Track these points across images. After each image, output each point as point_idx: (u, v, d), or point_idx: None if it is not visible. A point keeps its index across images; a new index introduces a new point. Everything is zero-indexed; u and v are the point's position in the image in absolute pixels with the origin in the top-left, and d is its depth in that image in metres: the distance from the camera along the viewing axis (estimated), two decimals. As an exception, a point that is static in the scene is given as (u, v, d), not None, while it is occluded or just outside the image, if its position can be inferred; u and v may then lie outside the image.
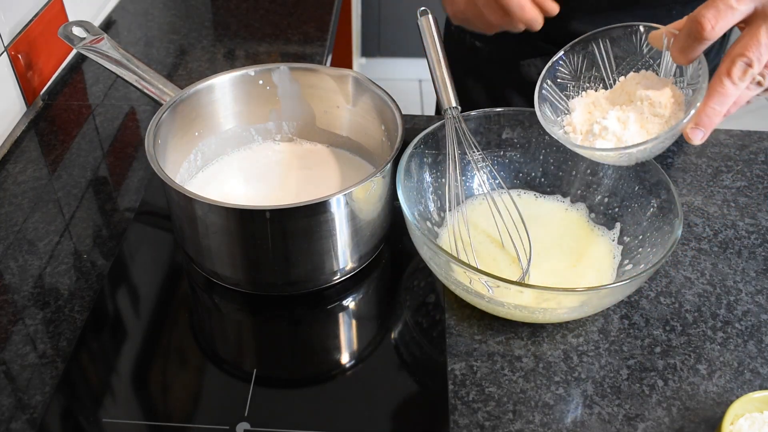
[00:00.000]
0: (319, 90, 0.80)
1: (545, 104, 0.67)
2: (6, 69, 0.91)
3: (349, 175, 0.79)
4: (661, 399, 0.61)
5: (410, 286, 0.72)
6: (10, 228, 0.77)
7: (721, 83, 0.52)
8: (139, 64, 0.78)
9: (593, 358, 0.64)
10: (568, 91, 0.68)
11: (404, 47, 2.74)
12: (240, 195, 0.76)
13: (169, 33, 1.17)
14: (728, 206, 0.82)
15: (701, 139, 0.55)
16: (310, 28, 1.20)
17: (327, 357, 0.66)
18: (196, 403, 0.61)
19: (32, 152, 0.89)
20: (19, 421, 0.58)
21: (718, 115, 0.53)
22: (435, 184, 0.76)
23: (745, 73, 0.51)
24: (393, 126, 0.72)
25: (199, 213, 0.64)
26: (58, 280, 0.71)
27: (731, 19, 0.50)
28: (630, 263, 0.69)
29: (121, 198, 0.82)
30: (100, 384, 0.62)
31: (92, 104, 0.98)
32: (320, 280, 0.69)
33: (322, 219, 0.64)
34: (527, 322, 0.67)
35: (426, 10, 0.75)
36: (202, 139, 0.78)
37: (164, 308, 0.69)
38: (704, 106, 0.54)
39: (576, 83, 0.68)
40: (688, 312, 0.69)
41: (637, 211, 0.72)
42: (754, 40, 0.51)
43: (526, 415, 0.60)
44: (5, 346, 0.64)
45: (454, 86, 0.72)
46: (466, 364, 0.63)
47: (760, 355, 0.65)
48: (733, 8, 0.50)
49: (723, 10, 0.50)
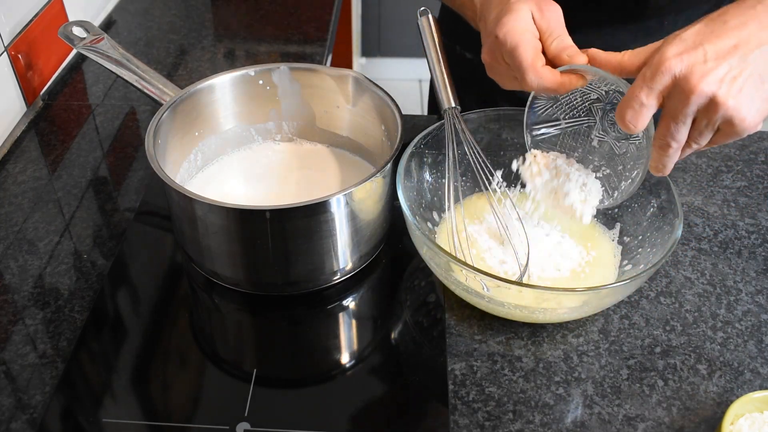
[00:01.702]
0: (319, 90, 0.80)
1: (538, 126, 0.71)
2: (6, 69, 0.91)
3: (349, 175, 0.79)
4: (661, 399, 0.61)
5: (410, 286, 0.72)
6: (10, 228, 0.77)
7: (656, 151, 0.59)
8: (139, 64, 0.78)
9: (593, 358, 0.64)
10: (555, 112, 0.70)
11: (404, 47, 2.74)
12: (240, 195, 0.76)
13: (169, 33, 1.17)
14: (728, 206, 0.82)
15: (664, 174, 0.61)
16: (310, 28, 1.20)
17: (327, 357, 0.66)
18: (196, 403, 0.61)
19: (32, 152, 0.89)
20: (19, 421, 0.58)
21: (666, 167, 0.60)
22: (435, 184, 0.76)
23: (667, 150, 0.58)
24: (393, 126, 0.72)
25: (199, 213, 0.64)
26: (58, 280, 0.71)
27: (647, 113, 0.56)
28: (630, 263, 0.69)
29: (121, 198, 0.82)
30: (100, 384, 0.62)
31: (92, 104, 0.98)
32: (320, 280, 0.69)
33: (322, 219, 0.64)
34: (527, 322, 0.67)
35: (426, 10, 0.75)
36: (202, 139, 0.78)
37: (164, 308, 0.69)
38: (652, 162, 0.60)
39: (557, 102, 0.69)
40: (688, 312, 0.69)
41: (637, 211, 0.72)
42: (665, 126, 0.56)
43: (526, 415, 0.60)
44: (5, 346, 0.64)
45: (453, 86, 0.72)
46: (466, 364, 0.63)
47: (760, 355, 0.65)
48: (644, 105, 0.55)
49: (638, 109, 0.55)
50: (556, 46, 0.62)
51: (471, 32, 0.75)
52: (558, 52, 0.62)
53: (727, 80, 0.53)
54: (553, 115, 0.70)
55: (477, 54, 0.88)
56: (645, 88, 0.55)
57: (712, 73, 0.53)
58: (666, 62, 0.54)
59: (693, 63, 0.53)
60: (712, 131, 0.56)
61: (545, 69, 0.61)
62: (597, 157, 0.70)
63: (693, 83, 0.53)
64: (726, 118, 0.54)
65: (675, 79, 0.54)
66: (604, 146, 0.69)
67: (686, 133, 0.56)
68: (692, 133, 0.57)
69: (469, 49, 0.97)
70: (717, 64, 0.53)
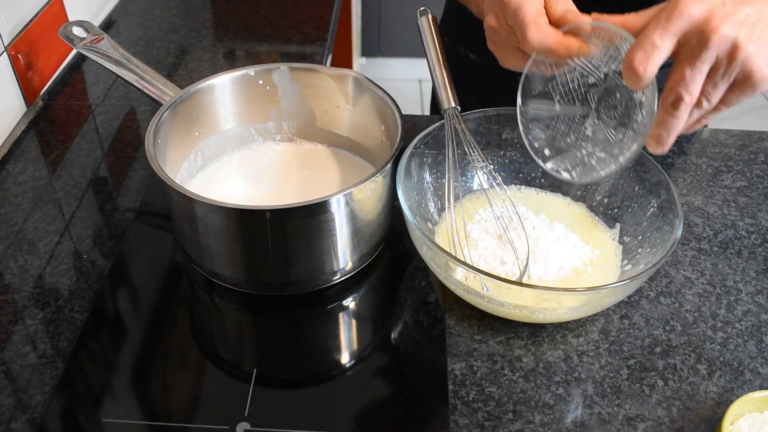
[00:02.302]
0: (319, 90, 0.80)
1: (534, 124, 0.69)
2: (6, 69, 0.91)
3: (349, 175, 0.79)
4: (661, 399, 0.61)
5: (410, 286, 0.72)
6: (10, 228, 0.77)
7: (662, 113, 0.56)
8: (139, 64, 0.78)
9: (593, 358, 0.64)
10: (549, 95, 0.68)
11: (404, 47, 2.74)
12: (240, 195, 0.76)
13: (169, 33, 1.17)
14: (728, 206, 0.82)
15: (661, 152, 0.58)
16: (310, 28, 1.20)
17: (327, 357, 0.66)
18: (196, 403, 0.61)
19: (32, 152, 0.89)
20: (19, 421, 0.58)
21: (668, 138, 0.56)
22: (435, 184, 0.76)
23: (677, 107, 0.54)
24: (393, 126, 0.72)
25: (199, 213, 0.64)
26: (58, 280, 0.71)
27: (660, 57, 0.53)
28: (630, 263, 0.69)
29: (121, 198, 0.82)
30: (100, 384, 0.62)
31: (92, 104, 0.98)
32: (320, 280, 0.69)
33: (322, 219, 0.64)
34: (527, 322, 0.67)
35: (426, 10, 0.75)
36: (202, 139, 0.78)
37: (164, 308, 0.69)
38: (654, 129, 0.57)
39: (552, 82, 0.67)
40: (688, 312, 0.69)
41: (637, 211, 0.72)
42: (680, 74, 0.53)
43: (526, 415, 0.60)
44: (5, 346, 0.64)
45: (453, 86, 0.72)
46: (466, 364, 0.63)
47: (760, 355, 0.65)
48: (657, 46, 0.52)
49: (649, 50, 0.53)
50: (562, 8, 0.60)
51: (475, 33, 0.75)
52: (563, 13, 0.60)
53: (747, 24, 0.51)
54: (547, 95, 0.68)
55: (480, 55, 0.88)
56: (660, 29, 0.52)
57: (732, 16, 0.51)
58: (684, 3, 0.52)
59: (712, 6, 0.51)
60: (727, 84, 0.54)
61: (548, 27, 0.59)
62: (590, 145, 0.68)
63: (714, 25, 0.51)
64: (744, 67, 0.52)
65: (693, 21, 0.52)
66: (598, 135, 0.68)
67: (701, 83, 0.54)
68: (706, 86, 0.54)
69: (473, 49, 0.97)
70: (736, 9, 0.51)
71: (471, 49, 0.97)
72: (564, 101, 0.67)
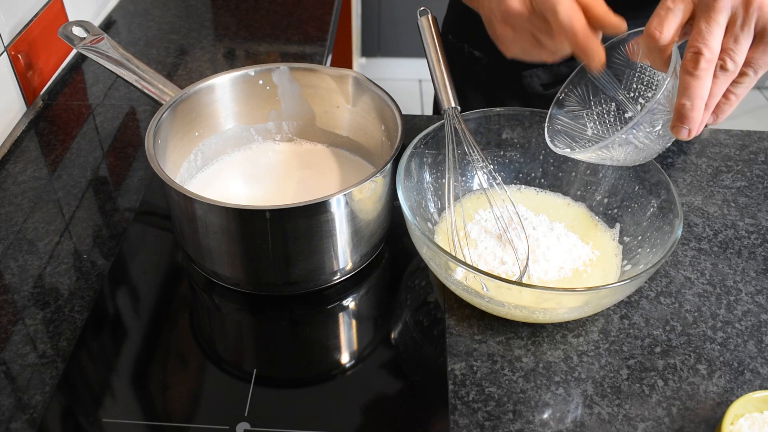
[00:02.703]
0: (319, 90, 0.80)
1: (560, 135, 0.69)
2: (6, 69, 0.91)
3: (349, 175, 0.79)
4: (661, 399, 0.61)
5: (410, 286, 0.72)
6: (10, 228, 0.77)
7: (682, 78, 0.54)
8: (139, 64, 0.78)
9: (593, 358, 0.64)
10: (583, 119, 0.69)
11: (404, 47, 2.74)
12: (240, 195, 0.76)
13: (169, 33, 1.17)
14: (728, 206, 0.82)
15: (688, 135, 0.56)
16: (310, 28, 1.20)
17: (327, 357, 0.66)
18: (196, 403, 0.61)
19: (32, 152, 0.89)
20: (19, 421, 0.58)
21: (693, 110, 0.54)
22: (435, 184, 0.76)
23: (697, 63, 0.53)
24: (393, 126, 0.72)
25: (199, 213, 0.64)
26: (58, 280, 0.71)
27: (675, 19, 0.54)
28: (630, 263, 0.69)
29: (121, 198, 0.82)
30: (100, 384, 0.62)
31: (92, 104, 0.98)
32: (320, 280, 0.69)
33: (322, 219, 0.64)
34: (527, 322, 0.67)
35: (426, 10, 0.75)
36: (202, 139, 0.78)
37: (164, 308, 0.69)
38: (678, 100, 0.55)
39: (588, 110, 0.68)
40: (688, 312, 0.69)
41: (637, 211, 0.72)
42: (696, 30, 0.53)
43: (526, 415, 0.60)
44: (5, 346, 0.64)
45: (453, 86, 0.72)
46: (466, 364, 0.63)
47: (760, 355, 0.65)
48: (671, 9, 0.54)
49: (663, 15, 0.54)
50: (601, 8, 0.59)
51: (480, 30, 0.75)
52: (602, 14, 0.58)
53: None
54: (579, 120, 0.68)
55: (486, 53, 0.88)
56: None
57: None
58: None
59: None
60: (748, 37, 0.53)
61: (579, 11, 0.58)
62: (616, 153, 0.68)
63: None
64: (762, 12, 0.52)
65: None
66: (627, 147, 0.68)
67: (719, 36, 0.53)
68: (726, 42, 0.53)
69: (477, 47, 0.97)
70: None
71: (475, 47, 0.97)
72: (596, 128, 0.68)
